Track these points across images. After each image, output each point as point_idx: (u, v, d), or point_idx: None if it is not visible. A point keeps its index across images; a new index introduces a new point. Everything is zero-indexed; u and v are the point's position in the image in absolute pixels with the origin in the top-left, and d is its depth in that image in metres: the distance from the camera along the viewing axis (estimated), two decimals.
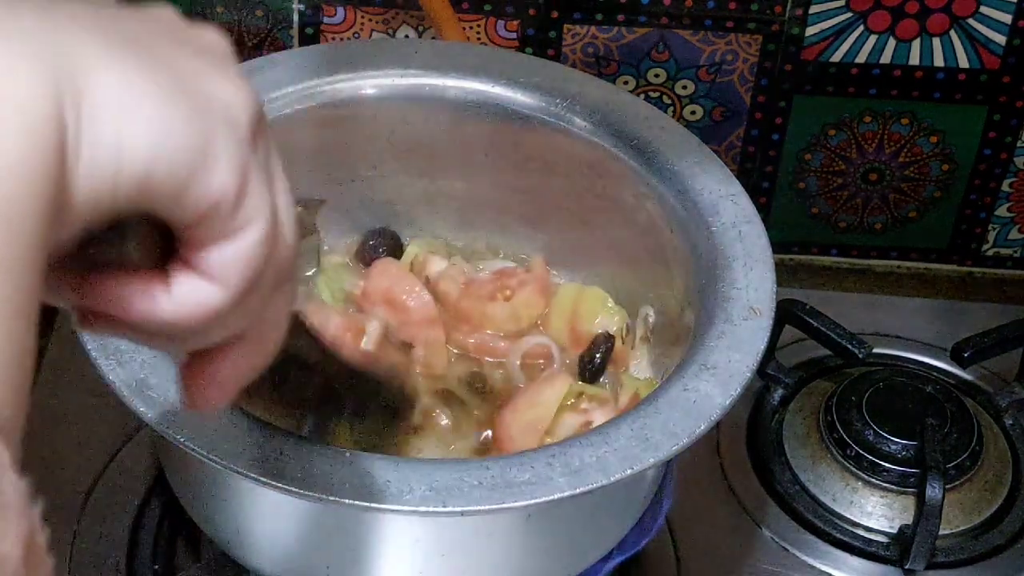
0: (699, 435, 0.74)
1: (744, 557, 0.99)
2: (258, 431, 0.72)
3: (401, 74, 0.94)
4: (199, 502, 0.82)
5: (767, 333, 0.79)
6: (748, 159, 1.16)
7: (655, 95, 1.12)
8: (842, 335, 1.04)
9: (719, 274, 0.83)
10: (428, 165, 0.97)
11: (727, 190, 0.87)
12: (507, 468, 0.71)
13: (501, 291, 0.95)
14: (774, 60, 1.10)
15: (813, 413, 1.05)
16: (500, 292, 0.95)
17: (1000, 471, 1.03)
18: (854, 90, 1.12)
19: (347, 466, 0.71)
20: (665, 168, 0.89)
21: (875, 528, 1.00)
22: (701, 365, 0.77)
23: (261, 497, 0.77)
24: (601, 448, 0.72)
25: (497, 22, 1.09)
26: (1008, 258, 1.22)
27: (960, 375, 1.11)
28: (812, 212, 1.19)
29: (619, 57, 1.10)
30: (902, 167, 1.16)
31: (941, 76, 1.11)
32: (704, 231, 0.86)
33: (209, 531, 0.83)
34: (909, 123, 1.14)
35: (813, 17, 1.08)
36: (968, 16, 1.08)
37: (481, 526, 0.77)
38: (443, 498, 0.69)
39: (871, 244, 1.21)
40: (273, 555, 0.81)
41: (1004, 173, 1.16)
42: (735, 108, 1.13)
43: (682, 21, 1.08)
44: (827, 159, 1.16)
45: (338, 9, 1.08)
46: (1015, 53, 1.10)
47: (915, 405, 1.02)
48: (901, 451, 1.00)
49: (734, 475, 1.04)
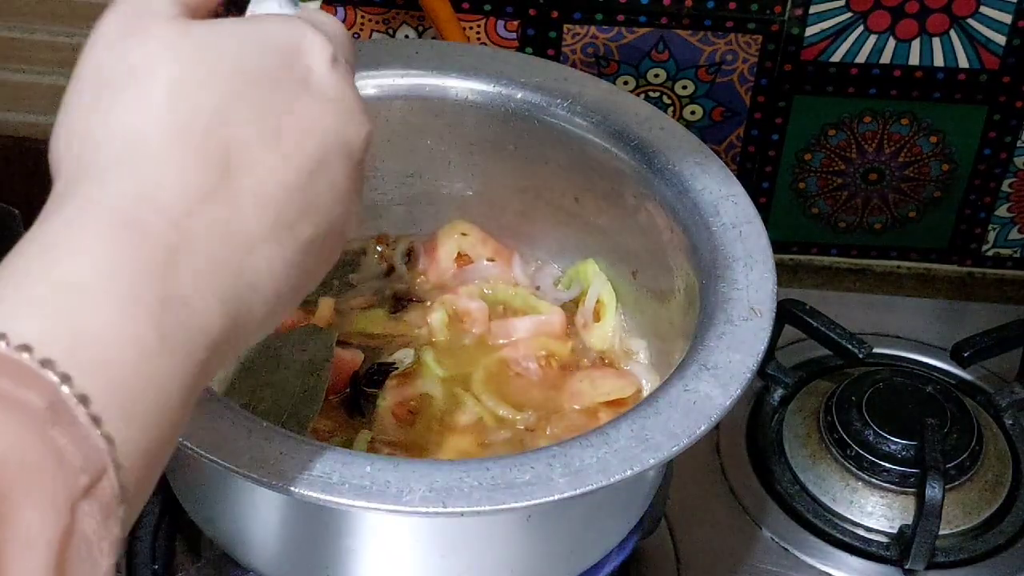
0: (699, 435, 0.74)
1: (744, 557, 0.99)
2: (258, 432, 0.72)
3: (401, 74, 0.94)
4: (199, 502, 0.82)
5: (767, 333, 0.79)
6: (748, 159, 1.16)
7: (655, 95, 1.12)
8: (842, 335, 1.04)
9: (719, 274, 0.83)
10: (428, 165, 0.97)
11: (727, 190, 0.87)
12: (507, 469, 0.71)
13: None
14: (774, 60, 1.10)
15: (813, 413, 1.05)
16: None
17: (1000, 471, 1.03)
18: (854, 90, 1.12)
19: (347, 466, 0.70)
20: (665, 168, 0.89)
21: (875, 528, 1.00)
22: (701, 365, 0.77)
23: (261, 497, 0.77)
24: (601, 449, 0.72)
25: (497, 22, 1.09)
26: (1008, 258, 1.22)
27: (960, 375, 1.11)
28: (812, 212, 1.19)
29: (619, 57, 1.10)
30: (902, 167, 1.16)
31: (941, 76, 1.11)
32: (704, 231, 0.86)
33: (209, 531, 0.83)
34: (909, 123, 1.14)
35: (813, 17, 1.08)
36: (968, 16, 1.08)
37: (481, 527, 0.77)
38: (443, 498, 0.69)
39: (871, 244, 1.21)
40: (273, 555, 0.81)
41: (1004, 173, 1.16)
42: (735, 108, 1.13)
43: (682, 21, 1.08)
44: (827, 159, 1.16)
45: (338, 9, 1.08)
46: (1015, 53, 1.10)
47: (915, 405, 1.02)
48: (901, 451, 1.00)
49: (734, 475, 1.04)
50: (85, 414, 0.43)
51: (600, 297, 0.95)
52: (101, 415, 0.43)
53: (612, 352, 0.94)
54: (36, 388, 0.42)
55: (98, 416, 0.43)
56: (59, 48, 1.13)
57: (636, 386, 0.91)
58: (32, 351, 0.43)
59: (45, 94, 1.16)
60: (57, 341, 0.44)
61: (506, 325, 0.94)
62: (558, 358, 0.93)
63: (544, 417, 0.89)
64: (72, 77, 0.54)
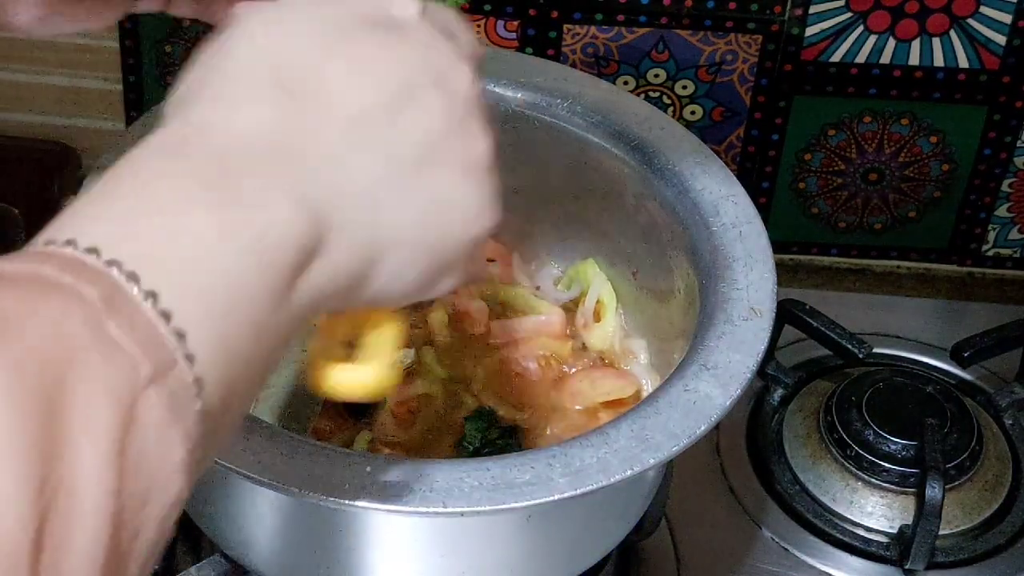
0: (699, 435, 0.74)
1: (744, 557, 0.99)
2: (259, 432, 0.72)
3: None
4: (199, 502, 0.82)
5: (767, 334, 0.79)
6: (748, 159, 1.16)
7: (655, 95, 1.12)
8: (842, 335, 1.04)
9: (719, 274, 0.83)
10: None
11: (727, 190, 0.87)
12: (507, 469, 0.71)
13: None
14: (774, 60, 1.10)
15: (813, 413, 1.05)
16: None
17: (1000, 471, 1.03)
18: (854, 90, 1.12)
19: (347, 467, 0.71)
20: (665, 168, 0.89)
21: (875, 528, 1.00)
22: (701, 365, 0.77)
23: (261, 497, 0.77)
24: (601, 449, 0.72)
25: (497, 22, 1.09)
26: (1008, 258, 1.22)
27: (960, 375, 1.11)
28: (812, 212, 1.19)
29: (619, 57, 1.10)
30: (902, 167, 1.16)
31: (941, 76, 1.11)
32: (704, 231, 0.86)
33: (209, 531, 0.83)
34: (909, 123, 1.14)
35: (813, 17, 1.08)
36: (968, 16, 1.08)
37: (481, 527, 0.77)
38: (443, 498, 0.69)
39: (871, 244, 1.21)
40: (273, 555, 0.81)
41: (1004, 173, 1.16)
42: (735, 108, 1.13)
43: (682, 21, 1.08)
44: (827, 159, 1.16)
45: None
46: (1015, 53, 1.10)
47: (915, 405, 1.02)
48: (901, 451, 1.00)
49: (734, 475, 1.04)
50: (151, 309, 0.45)
51: (600, 297, 0.95)
52: (172, 310, 0.45)
53: (612, 352, 0.94)
54: (93, 282, 0.44)
55: (168, 311, 0.45)
56: (59, 48, 1.13)
57: (636, 386, 0.91)
58: (99, 253, 0.45)
59: (45, 94, 1.16)
60: (124, 242, 0.46)
61: (506, 325, 0.94)
62: (558, 358, 0.93)
63: (544, 417, 0.89)
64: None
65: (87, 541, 0.41)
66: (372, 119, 0.54)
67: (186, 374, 0.45)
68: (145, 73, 1.13)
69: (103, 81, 1.15)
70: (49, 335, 0.43)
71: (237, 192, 0.50)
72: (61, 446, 0.41)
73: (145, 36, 1.11)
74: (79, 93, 1.15)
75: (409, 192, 0.55)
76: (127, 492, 0.43)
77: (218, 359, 0.47)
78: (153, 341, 0.45)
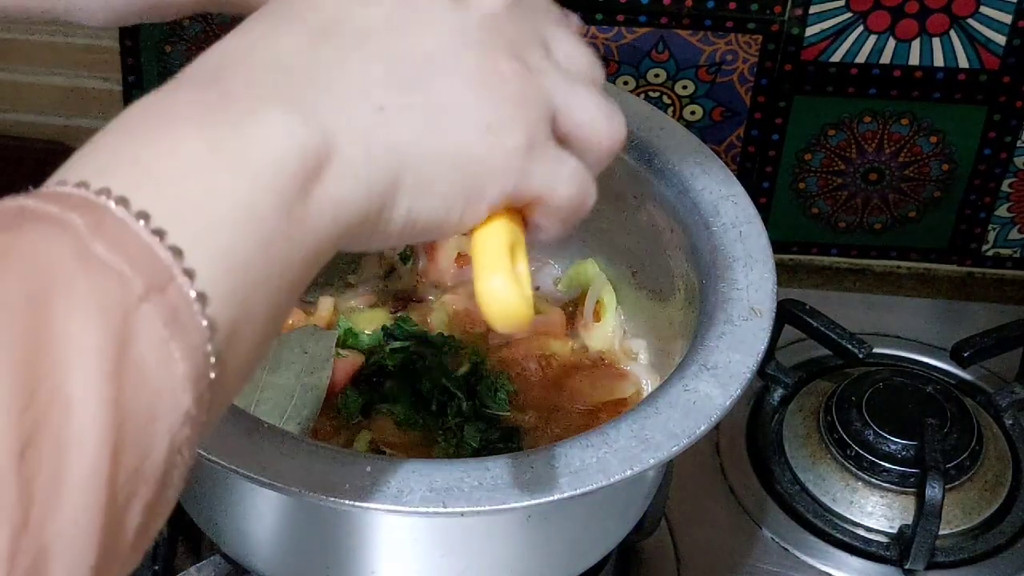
0: (699, 435, 0.74)
1: (744, 557, 0.99)
2: (259, 432, 0.72)
3: None
4: (199, 503, 0.82)
5: (767, 334, 0.79)
6: (748, 159, 1.16)
7: (655, 95, 1.12)
8: (842, 335, 1.04)
9: (719, 274, 0.83)
10: None
11: (727, 190, 0.87)
12: (507, 469, 0.71)
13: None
14: (774, 60, 1.10)
15: (813, 413, 1.05)
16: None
17: (1000, 471, 1.03)
18: (854, 90, 1.12)
19: (347, 466, 0.71)
20: (665, 168, 0.89)
21: (875, 528, 1.00)
22: (701, 365, 0.77)
23: (261, 497, 0.77)
24: (601, 449, 0.72)
25: None
26: (1008, 258, 1.22)
27: (960, 375, 1.11)
28: (812, 212, 1.19)
29: (619, 57, 1.10)
30: (902, 167, 1.16)
31: (941, 76, 1.11)
32: (704, 231, 0.86)
33: (209, 531, 0.83)
34: (909, 123, 1.14)
35: (813, 17, 1.08)
36: (968, 16, 1.08)
37: (481, 527, 0.77)
38: (443, 498, 0.69)
39: (871, 244, 1.21)
40: (273, 555, 0.81)
41: (1004, 173, 1.16)
42: (735, 108, 1.13)
43: (682, 21, 1.08)
44: (827, 159, 1.16)
45: None
46: (1015, 53, 1.10)
47: (915, 405, 1.02)
48: (901, 451, 1.00)
49: (734, 475, 1.04)
50: (143, 228, 0.45)
51: (600, 297, 0.95)
52: (166, 228, 0.45)
53: (612, 352, 0.94)
54: (80, 210, 0.44)
55: (161, 229, 0.45)
56: (59, 48, 1.13)
57: (636, 386, 0.91)
58: (88, 185, 0.45)
59: (45, 94, 1.16)
60: (115, 170, 0.46)
61: None
62: (558, 358, 0.93)
63: (544, 417, 0.89)
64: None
65: (88, 452, 0.41)
66: (370, 29, 0.54)
67: (186, 288, 0.45)
68: (145, 73, 1.13)
69: (103, 81, 1.15)
70: (31, 262, 0.42)
71: (226, 105, 0.50)
72: (48, 363, 0.41)
73: (145, 36, 1.12)
74: (79, 93, 1.15)
75: (410, 94, 0.54)
76: (128, 405, 0.42)
77: (222, 274, 0.47)
78: (145, 258, 0.44)
